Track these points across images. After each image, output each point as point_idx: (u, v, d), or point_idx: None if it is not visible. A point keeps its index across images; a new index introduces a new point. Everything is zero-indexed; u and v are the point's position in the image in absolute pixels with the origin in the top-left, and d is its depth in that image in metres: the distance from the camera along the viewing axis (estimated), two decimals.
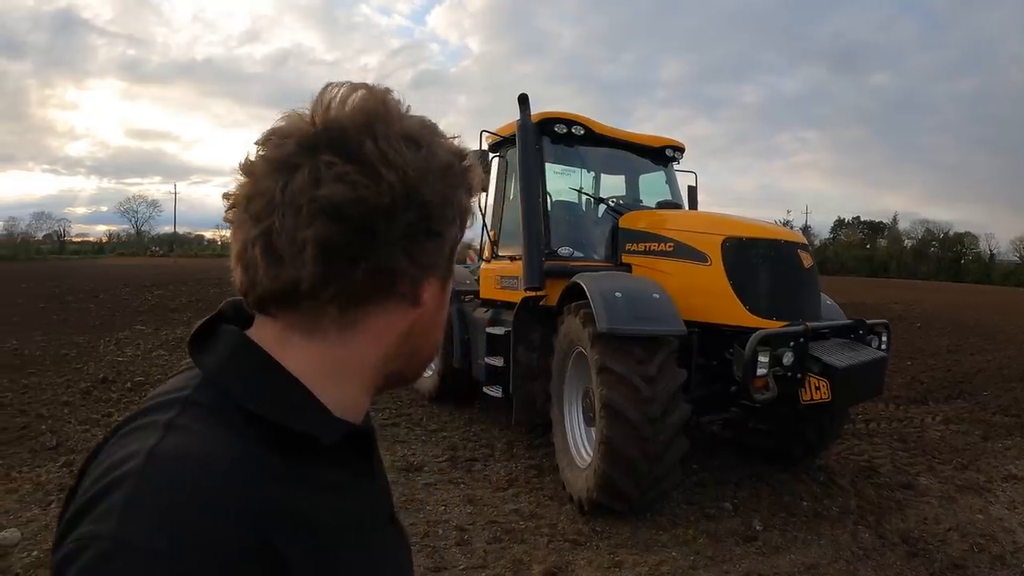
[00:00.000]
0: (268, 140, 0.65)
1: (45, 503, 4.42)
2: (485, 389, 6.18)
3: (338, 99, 0.66)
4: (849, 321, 4.89)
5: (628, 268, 5.36)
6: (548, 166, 5.86)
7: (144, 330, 11.68)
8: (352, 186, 0.62)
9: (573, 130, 5.79)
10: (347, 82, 0.68)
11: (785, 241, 4.80)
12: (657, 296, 4.32)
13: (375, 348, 0.71)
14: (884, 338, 4.99)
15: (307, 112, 0.66)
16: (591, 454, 4.64)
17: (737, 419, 5.26)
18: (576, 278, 4.69)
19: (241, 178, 0.66)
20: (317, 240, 0.62)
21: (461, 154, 0.72)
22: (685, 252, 4.87)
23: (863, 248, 72.28)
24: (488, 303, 6.59)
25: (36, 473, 4.94)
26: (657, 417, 3.98)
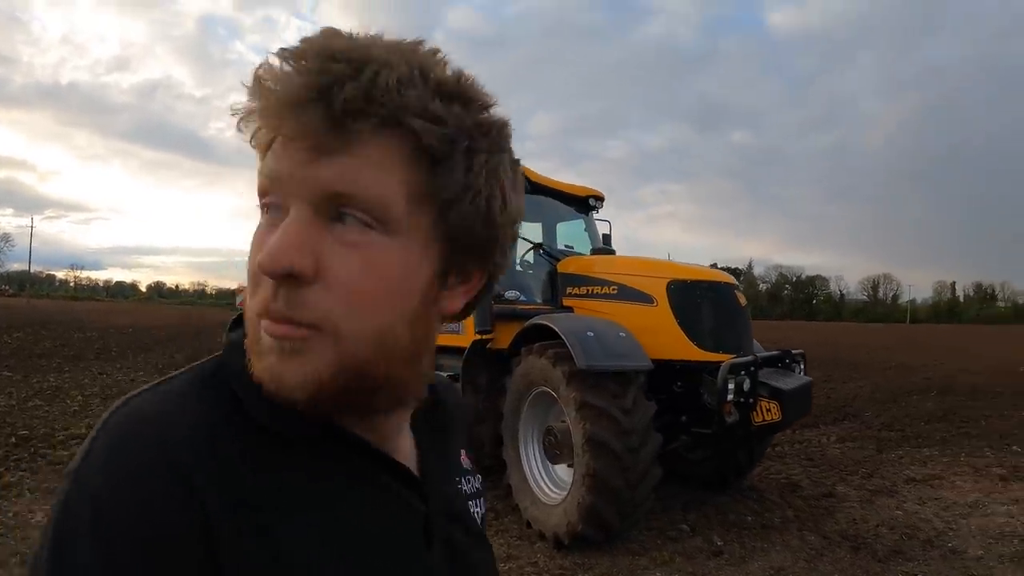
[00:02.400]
0: None
1: None
2: None
3: None
4: (776, 352, 5.69)
5: (570, 310, 5.87)
6: None
7: (12, 377, 11.00)
8: None
9: None
10: None
11: (724, 283, 5.57)
12: (623, 335, 4.89)
13: None
14: (802, 365, 5.86)
15: None
16: (558, 490, 5.06)
17: (684, 448, 5.88)
18: (540, 320, 5.16)
19: None
20: None
21: None
22: (630, 294, 5.48)
23: None
24: None
25: None
26: (636, 447, 4.48)
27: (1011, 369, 12.57)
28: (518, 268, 6.74)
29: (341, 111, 0.54)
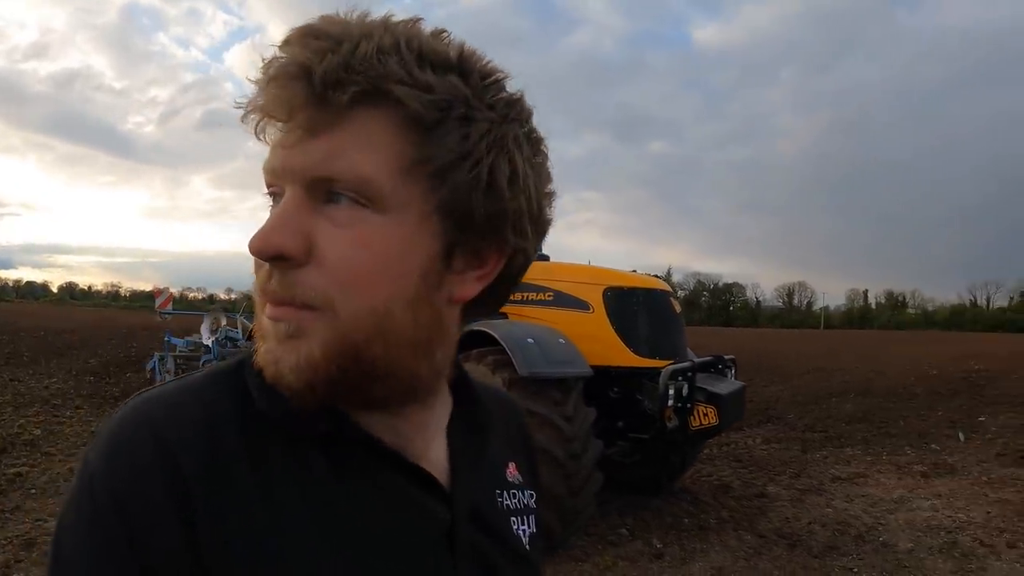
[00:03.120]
0: None
1: None
2: None
3: None
4: (709, 357, 5.85)
5: (504, 316, 5.83)
6: None
7: None
8: None
9: None
10: None
11: (659, 290, 5.71)
12: (562, 341, 4.93)
13: None
14: (733, 370, 6.03)
15: None
16: None
17: (621, 453, 5.96)
18: (478, 326, 5.13)
19: None
20: None
21: None
22: (566, 301, 5.54)
23: None
24: None
25: None
26: (578, 454, 4.52)
27: (924, 372, 13.24)
28: None
29: (321, 83, 0.54)
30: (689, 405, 4.96)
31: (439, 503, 0.67)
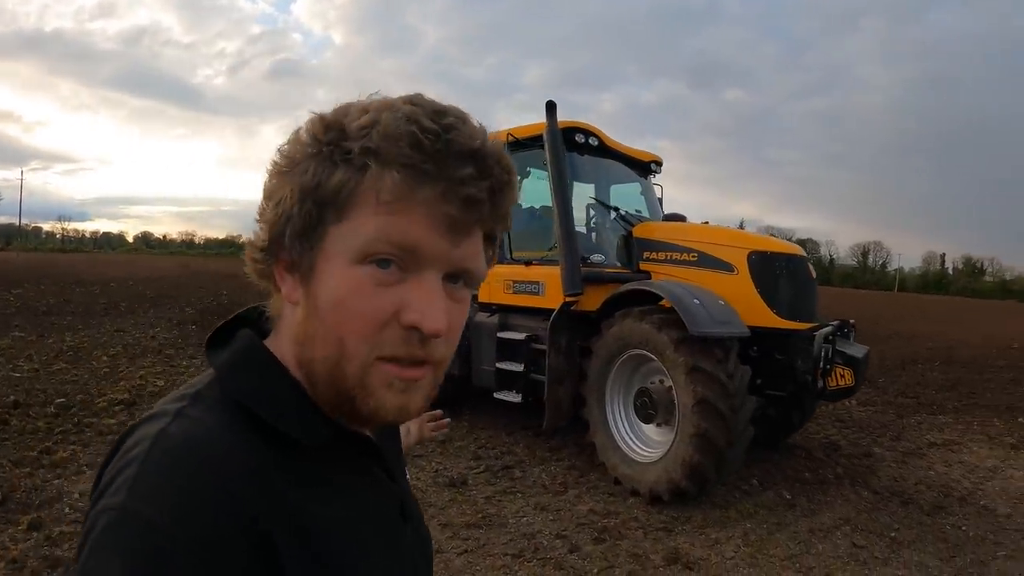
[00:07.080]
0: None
1: None
2: (498, 395, 6.96)
3: None
4: (838, 321, 6.52)
5: (647, 275, 6.46)
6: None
7: (27, 338, 11.15)
8: None
9: (590, 140, 6.87)
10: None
11: (799, 256, 6.37)
12: (722, 303, 5.61)
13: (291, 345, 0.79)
14: (853, 334, 6.68)
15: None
16: (648, 449, 5.80)
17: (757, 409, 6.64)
18: (642, 285, 5.85)
19: None
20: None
21: (311, 133, 0.73)
22: (710, 262, 6.16)
23: None
24: (487, 307, 7.38)
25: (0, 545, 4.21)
26: (738, 408, 5.23)
27: (1005, 344, 13.81)
28: (593, 231, 7.39)
29: (490, 218, 0.77)
30: (829, 367, 5.67)
31: (392, 483, 0.89)
